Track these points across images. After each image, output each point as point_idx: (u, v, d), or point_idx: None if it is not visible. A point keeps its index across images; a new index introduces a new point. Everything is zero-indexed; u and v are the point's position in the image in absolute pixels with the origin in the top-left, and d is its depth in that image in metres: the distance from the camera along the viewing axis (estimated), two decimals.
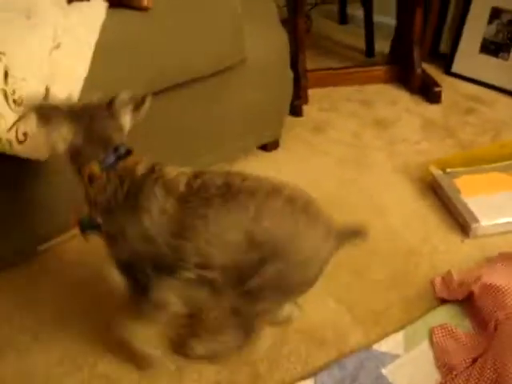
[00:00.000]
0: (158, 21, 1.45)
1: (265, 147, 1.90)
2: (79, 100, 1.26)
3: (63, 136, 1.08)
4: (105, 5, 1.45)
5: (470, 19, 2.46)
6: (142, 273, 1.10)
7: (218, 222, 1.04)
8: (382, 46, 2.64)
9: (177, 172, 1.10)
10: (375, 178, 1.80)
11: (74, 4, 1.47)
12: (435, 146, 1.96)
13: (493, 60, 2.41)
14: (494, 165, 1.74)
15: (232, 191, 1.05)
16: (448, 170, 1.72)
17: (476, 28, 2.45)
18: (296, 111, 2.10)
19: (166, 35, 1.46)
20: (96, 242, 1.12)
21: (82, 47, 1.34)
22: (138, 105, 1.14)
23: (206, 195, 1.05)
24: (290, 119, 2.02)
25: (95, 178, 1.10)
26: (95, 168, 1.09)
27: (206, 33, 1.53)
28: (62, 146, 1.09)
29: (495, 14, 2.40)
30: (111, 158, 1.09)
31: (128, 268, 1.11)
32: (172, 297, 1.14)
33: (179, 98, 1.56)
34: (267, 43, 1.72)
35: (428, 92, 2.27)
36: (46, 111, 1.07)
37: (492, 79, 2.39)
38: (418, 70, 2.30)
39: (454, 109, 2.21)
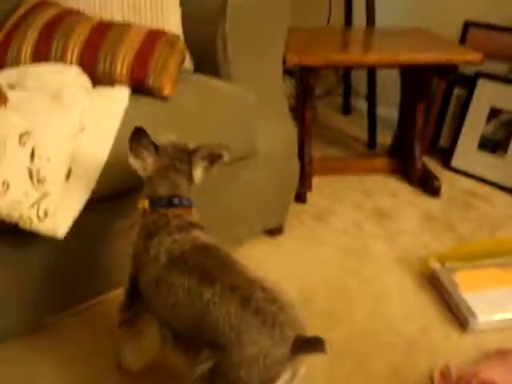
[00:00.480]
0: (177, 110, 1.54)
1: (270, 232, 1.96)
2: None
3: (146, 166, 1.26)
4: (128, 92, 1.55)
5: (470, 117, 2.59)
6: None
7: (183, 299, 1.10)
8: (385, 137, 2.75)
9: (191, 243, 1.18)
10: (376, 268, 1.84)
11: (99, 89, 1.56)
12: (434, 239, 2.02)
13: (490, 157, 2.51)
14: (491, 260, 1.79)
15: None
16: (447, 264, 1.76)
17: (475, 126, 2.57)
18: (300, 198, 2.17)
19: (183, 124, 1.54)
20: None
21: (105, 132, 1.41)
22: (212, 162, 1.28)
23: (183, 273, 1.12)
24: (294, 205, 2.09)
25: (144, 213, 1.25)
26: (146, 204, 1.25)
27: (222, 124, 1.62)
28: (143, 174, 1.27)
29: (494, 113, 2.53)
30: (163, 202, 1.23)
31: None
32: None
33: None
34: (277, 134, 1.81)
35: (428, 186, 2.35)
36: (138, 143, 1.24)
37: (489, 175, 2.48)
38: (419, 164, 2.39)
39: (453, 203, 2.29)
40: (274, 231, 1.96)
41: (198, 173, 1.28)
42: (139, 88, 1.56)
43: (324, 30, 2.68)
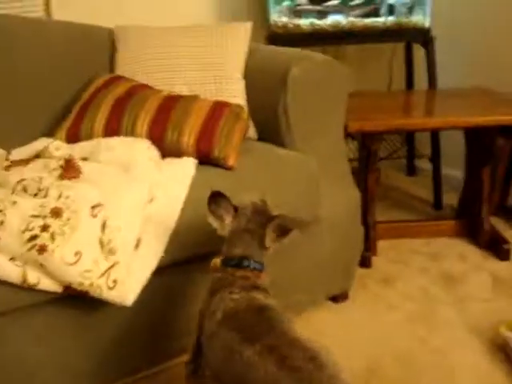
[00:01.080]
0: (241, 179, 1.59)
1: (334, 298, 1.94)
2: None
3: (225, 226, 1.30)
4: (195, 162, 1.61)
5: None
6: None
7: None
8: (451, 198, 2.70)
9: (247, 302, 1.20)
10: (445, 336, 1.78)
11: (168, 160, 1.63)
12: (506, 304, 1.95)
13: None
14: None
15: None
16: None
17: None
18: (365, 262, 2.14)
19: (248, 191, 1.58)
20: None
21: (173, 202, 1.47)
22: (283, 234, 1.29)
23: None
24: (359, 270, 2.06)
25: (214, 271, 1.30)
26: (217, 262, 1.30)
27: (285, 191, 1.65)
28: (222, 232, 1.31)
29: None
30: (233, 262, 1.28)
31: None
32: None
33: None
34: (340, 200, 1.82)
35: (497, 248, 2.28)
36: (217, 205, 1.30)
37: None
38: (487, 226, 2.34)
39: None
40: (339, 298, 1.94)
41: (268, 240, 1.30)
42: (206, 158, 1.62)
43: (386, 95, 2.71)
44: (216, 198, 1.29)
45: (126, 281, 1.37)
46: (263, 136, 1.85)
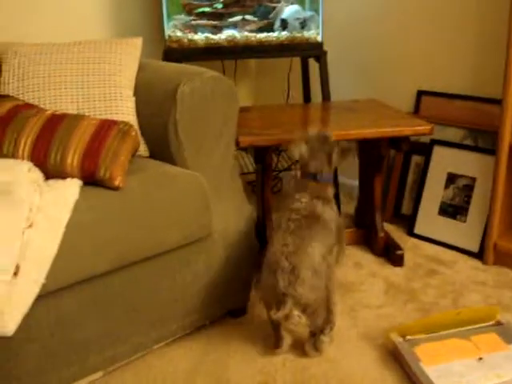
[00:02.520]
0: (129, 199, 1.56)
1: (232, 313, 1.94)
2: None
3: (301, 152, 1.83)
4: (79, 183, 1.57)
5: (428, 184, 2.65)
6: None
7: None
8: (350, 207, 2.78)
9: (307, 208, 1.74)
10: (338, 345, 1.82)
11: (50, 182, 1.58)
12: (398, 310, 2.02)
13: (451, 222, 2.54)
14: (452, 331, 1.79)
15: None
16: (408, 337, 1.76)
17: (434, 192, 2.62)
18: None
19: (135, 213, 1.56)
20: None
21: (54, 226, 1.42)
22: (345, 154, 1.87)
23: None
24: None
25: (295, 181, 1.91)
26: (298, 174, 1.87)
27: (175, 210, 1.64)
28: (297, 157, 1.84)
29: (451, 179, 2.58)
30: (310, 175, 1.82)
31: None
32: None
33: (145, 270, 1.63)
34: (233, 215, 1.84)
35: (391, 255, 2.37)
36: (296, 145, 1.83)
37: (452, 240, 2.51)
38: (381, 234, 2.42)
39: (417, 271, 2.30)
40: (237, 312, 1.95)
41: (335, 160, 1.84)
42: (91, 179, 1.58)
43: (283, 108, 2.76)
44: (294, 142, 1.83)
45: (6, 310, 1.32)
46: (155, 153, 1.84)
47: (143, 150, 1.85)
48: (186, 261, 1.71)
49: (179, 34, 2.57)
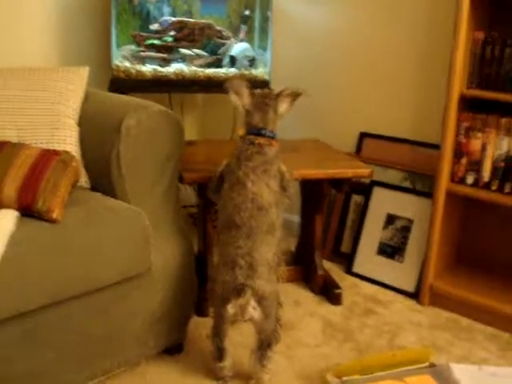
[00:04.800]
0: (66, 233, 1.53)
1: (168, 350, 1.91)
2: None
3: (244, 103, 1.80)
4: (15, 215, 1.52)
5: (368, 223, 2.70)
6: None
7: None
8: (290, 244, 2.80)
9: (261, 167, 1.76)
10: None
11: None
12: (335, 349, 2.03)
13: (389, 262, 2.60)
14: (387, 372, 1.81)
15: None
16: (344, 378, 1.77)
17: (373, 232, 2.67)
18: (201, 311, 2.14)
19: (72, 247, 1.52)
20: None
21: None
22: (295, 98, 1.83)
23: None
24: (195, 319, 2.06)
25: (240, 138, 1.83)
26: (242, 131, 1.84)
27: (114, 244, 1.61)
28: (241, 109, 1.82)
29: (390, 219, 2.64)
30: (253, 131, 1.79)
31: None
32: None
33: (79, 306, 1.58)
34: (173, 251, 1.82)
35: (329, 293, 2.39)
36: (238, 87, 1.79)
37: (389, 280, 2.56)
38: (320, 272, 2.44)
39: (355, 310, 2.33)
40: (173, 349, 1.92)
41: (284, 105, 1.83)
42: (29, 211, 1.54)
43: (228, 143, 2.77)
44: (236, 80, 1.82)
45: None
46: (96, 185, 1.81)
47: (84, 181, 1.82)
48: (122, 297, 1.67)
49: (127, 64, 2.56)
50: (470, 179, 2.27)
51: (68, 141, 1.84)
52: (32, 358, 1.50)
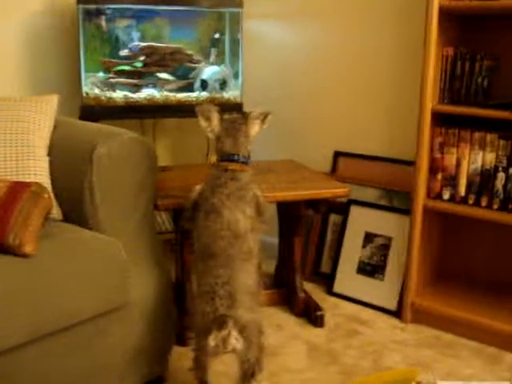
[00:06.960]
0: (40, 268, 1.48)
1: (150, 383, 1.85)
2: None
3: (214, 128, 1.78)
4: None
5: (346, 243, 2.68)
6: None
7: None
8: (270, 266, 2.76)
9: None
10: None
11: None
12: (319, 373, 2.00)
13: (369, 280, 2.58)
14: None
15: None
16: None
17: (352, 251, 2.66)
18: (182, 341, 2.09)
19: (48, 282, 1.48)
20: None
21: None
22: (264, 119, 1.81)
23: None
24: (176, 349, 2.00)
25: (212, 165, 1.80)
26: (214, 158, 1.82)
27: (90, 278, 1.57)
28: (211, 135, 1.79)
29: (368, 238, 2.63)
30: (225, 158, 1.76)
31: None
32: None
33: (56, 342, 1.53)
34: (150, 283, 1.78)
35: (311, 316, 2.36)
36: (208, 112, 1.77)
37: (370, 299, 2.54)
38: (301, 294, 2.42)
39: (338, 331, 2.30)
40: (155, 382, 1.86)
41: (255, 127, 1.80)
42: (0, 247, 1.49)
43: (201, 168, 2.73)
44: (205, 105, 1.80)
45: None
46: (68, 216, 1.76)
47: (56, 212, 1.77)
48: (101, 331, 1.62)
49: (97, 91, 2.52)
50: (446, 194, 2.28)
51: (38, 171, 1.80)
52: None
